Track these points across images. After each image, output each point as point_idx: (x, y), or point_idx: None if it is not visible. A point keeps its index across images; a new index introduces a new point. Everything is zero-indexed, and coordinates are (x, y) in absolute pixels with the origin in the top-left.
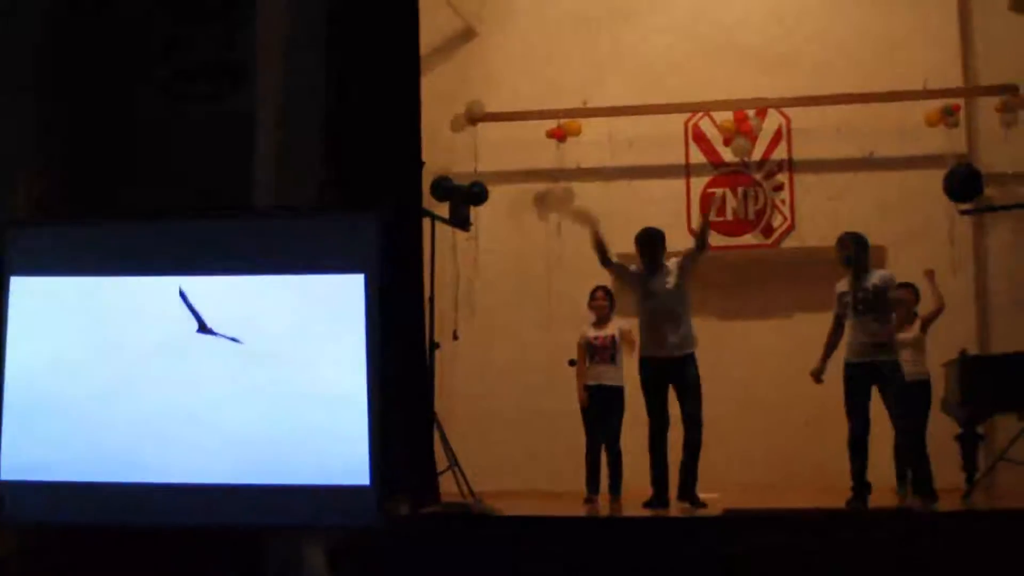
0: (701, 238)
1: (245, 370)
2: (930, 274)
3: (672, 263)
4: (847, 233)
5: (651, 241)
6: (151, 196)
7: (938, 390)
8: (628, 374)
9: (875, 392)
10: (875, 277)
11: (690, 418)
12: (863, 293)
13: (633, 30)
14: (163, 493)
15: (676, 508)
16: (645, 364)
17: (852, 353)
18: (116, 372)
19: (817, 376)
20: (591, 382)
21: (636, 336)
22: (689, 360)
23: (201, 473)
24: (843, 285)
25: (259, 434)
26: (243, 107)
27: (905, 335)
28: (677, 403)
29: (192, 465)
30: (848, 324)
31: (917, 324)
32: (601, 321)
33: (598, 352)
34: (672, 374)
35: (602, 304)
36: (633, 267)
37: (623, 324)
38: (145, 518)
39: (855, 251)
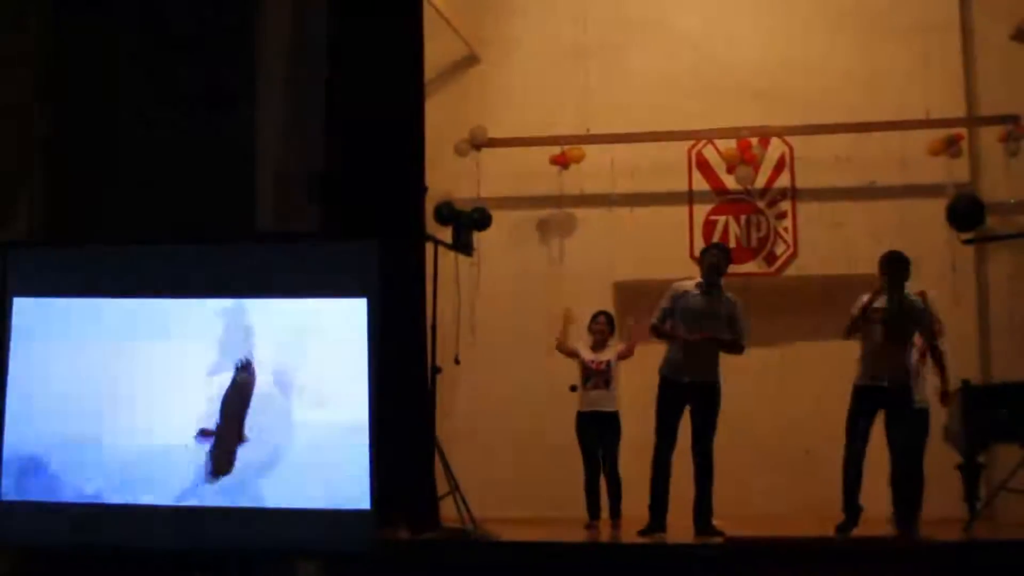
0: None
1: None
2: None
3: (731, 298)
4: (888, 252)
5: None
6: (155, 221)
7: (939, 419)
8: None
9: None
10: (909, 300)
11: (702, 452)
12: (896, 315)
13: (637, 58)
14: (158, 515)
15: (676, 534)
16: (666, 383)
17: (866, 375)
18: (114, 392)
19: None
20: (586, 408)
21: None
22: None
23: (198, 495)
24: (880, 301)
25: (258, 456)
26: (246, 133)
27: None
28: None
29: (188, 487)
30: (868, 342)
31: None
32: (598, 345)
33: (593, 376)
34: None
35: (603, 328)
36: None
37: (621, 348)
38: (139, 540)
39: (895, 269)
